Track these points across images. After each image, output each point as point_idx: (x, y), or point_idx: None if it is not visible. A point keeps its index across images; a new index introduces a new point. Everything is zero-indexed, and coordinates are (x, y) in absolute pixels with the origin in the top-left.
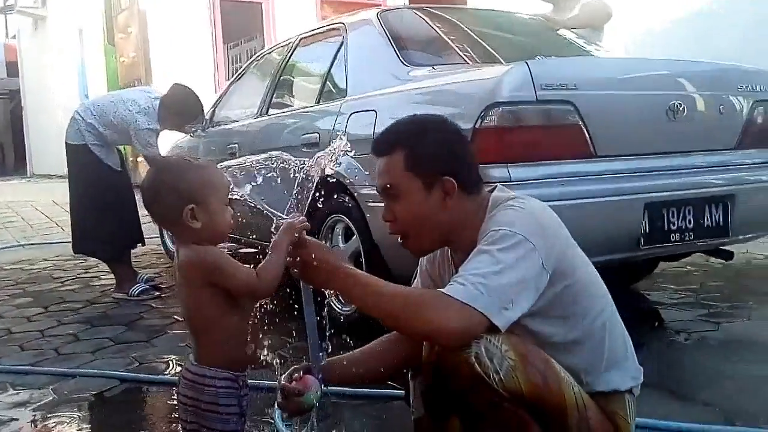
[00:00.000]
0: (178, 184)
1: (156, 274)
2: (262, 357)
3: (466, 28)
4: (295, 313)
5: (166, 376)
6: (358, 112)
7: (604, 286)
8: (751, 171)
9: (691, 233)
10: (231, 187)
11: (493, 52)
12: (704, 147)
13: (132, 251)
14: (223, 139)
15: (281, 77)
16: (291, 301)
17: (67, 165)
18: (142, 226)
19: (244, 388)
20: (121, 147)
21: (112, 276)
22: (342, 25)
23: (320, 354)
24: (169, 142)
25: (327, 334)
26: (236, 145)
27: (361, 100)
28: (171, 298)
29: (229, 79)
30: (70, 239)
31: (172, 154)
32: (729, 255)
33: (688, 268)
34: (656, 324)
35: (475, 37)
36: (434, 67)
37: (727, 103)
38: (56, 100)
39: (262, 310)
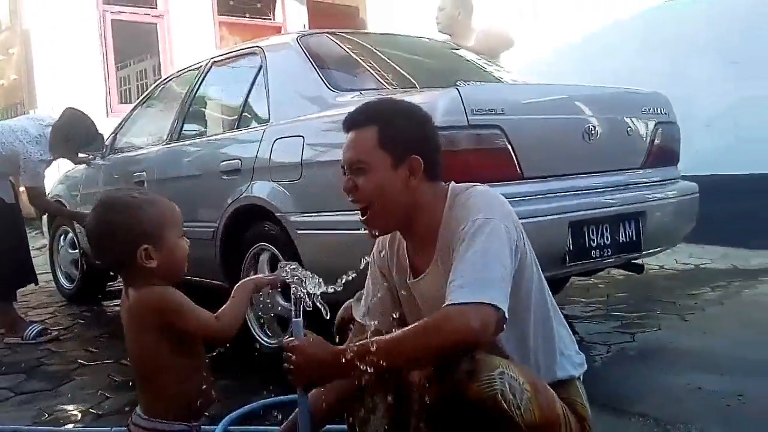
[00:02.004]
0: (131, 223)
1: (49, 315)
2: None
3: (380, 53)
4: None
5: (84, 428)
6: (283, 137)
7: (543, 276)
8: (657, 189)
9: (609, 249)
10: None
11: (409, 77)
12: (616, 167)
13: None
14: (127, 167)
15: (193, 102)
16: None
17: None
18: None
19: None
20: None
21: None
22: (259, 48)
23: None
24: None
25: None
26: (144, 173)
27: (286, 125)
28: (70, 340)
29: (122, 103)
30: None
31: (62, 184)
32: (640, 268)
33: (593, 281)
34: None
35: (391, 62)
36: (361, 92)
37: (634, 126)
38: None
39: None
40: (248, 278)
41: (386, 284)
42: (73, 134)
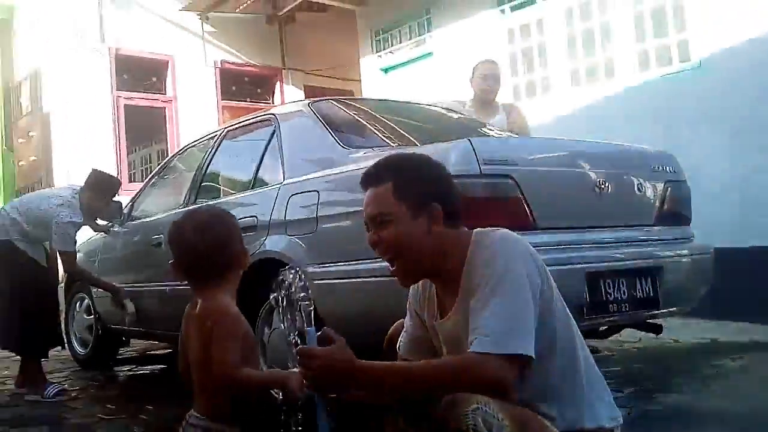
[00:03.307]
0: (238, 231)
1: (64, 378)
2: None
3: (380, 116)
4: None
5: None
6: (298, 194)
7: (574, 321)
8: (672, 245)
9: (627, 304)
10: None
11: (408, 136)
12: (628, 222)
13: None
14: (146, 231)
15: (208, 167)
16: None
17: None
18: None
19: None
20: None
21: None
22: (272, 116)
23: None
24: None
25: None
26: (162, 235)
27: (301, 182)
28: (88, 398)
29: (131, 182)
30: None
31: (80, 252)
32: (658, 329)
33: (606, 352)
34: None
35: (391, 123)
36: (372, 148)
37: (644, 182)
38: None
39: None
40: (289, 372)
41: (420, 323)
42: (99, 187)
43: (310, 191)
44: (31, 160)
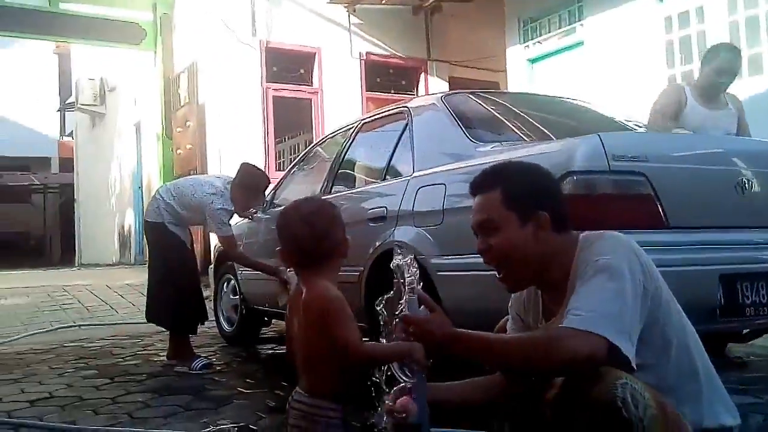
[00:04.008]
0: (342, 218)
1: (212, 353)
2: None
3: (517, 110)
4: None
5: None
6: (426, 186)
7: (690, 324)
8: None
9: (766, 308)
10: None
11: (545, 131)
12: None
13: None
14: None
15: (344, 158)
16: None
17: (147, 240)
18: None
19: (349, 420)
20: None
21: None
22: (406, 108)
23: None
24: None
25: None
26: None
27: (429, 175)
28: (230, 373)
29: (278, 171)
30: (142, 312)
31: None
32: None
33: (750, 358)
34: None
35: (528, 117)
36: (501, 143)
37: None
38: (110, 192)
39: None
40: (404, 347)
41: (522, 326)
42: (249, 182)
43: (437, 184)
44: (187, 148)
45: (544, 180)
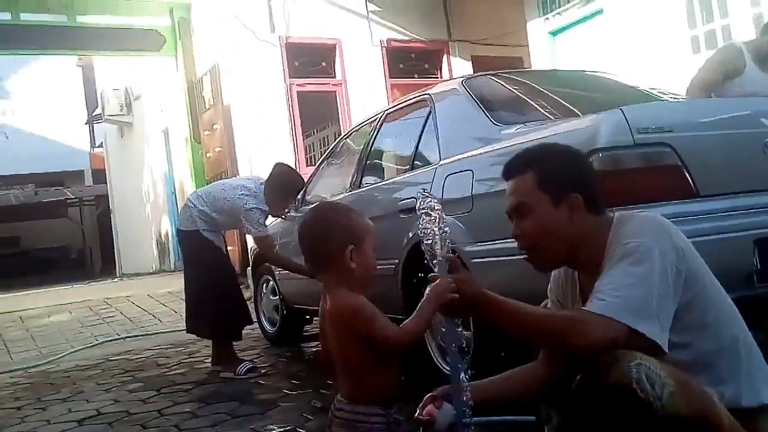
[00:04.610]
0: (346, 222)
1: (256, 355)
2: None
3: (541, 88)
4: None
5: None
6: (453, 173)
7: (730, 300)
8: None
9: None
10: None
11: (571, 107)
12: None
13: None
14: None
15: (371, 151)
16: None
17: (182, 250)
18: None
19: (394, 424)
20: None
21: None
22: (428, 96)
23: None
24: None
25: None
26: None
27: (456, 162)
28: (275, 375)
29: (308, 166)
30: (183, 320)
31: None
32: None
33: None
34: None
35: (552, 95)
36: (525, 124)
37: None
38: (144, 199)
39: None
40: (430, 292)
41: (560, 310)
42: (284, 184)
43: (464, 171)
44: (216, 150)
45: (577, 161)
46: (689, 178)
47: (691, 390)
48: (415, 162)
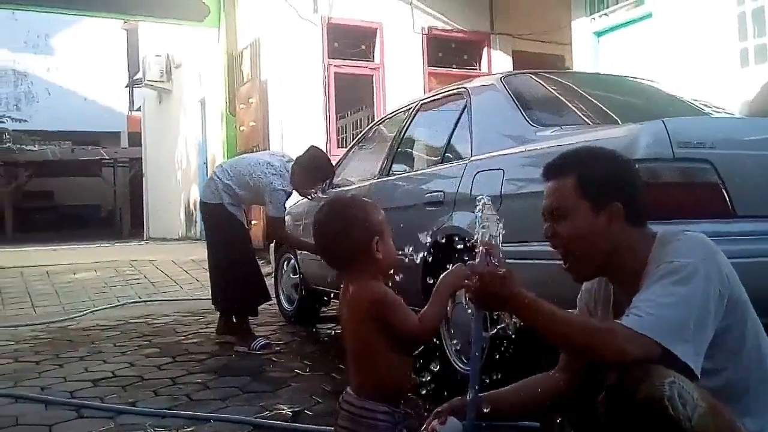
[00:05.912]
0: (367, 217)
1: (272, 332)
2: (417, 392)
3: (582, 91)
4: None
5: (296, 425)
6: (483, 171)
7: (760, 323)
8: None
9: None
10: None
11: (611, 114)
12: None
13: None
14: None
15: (402, 139)
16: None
17: (204, 222)
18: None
19: (401, 423)
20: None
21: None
22: (465, 90)
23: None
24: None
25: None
26: None
27: (487, 159)
28: (289, 353)
29: (339, 148)
30: (210, 294)
31: (288, 215)
32: None
33: None
34: None
35: (593, 99)
36: (561, 127)
37: None
38: (176, 167)
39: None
40: (443, 278)
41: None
42: (315, 169)
43: (495, 169)
44: (250, 125)
45: (621, 169)
46: (727, 197)
47: (722, 416)
48: (447, 155)
